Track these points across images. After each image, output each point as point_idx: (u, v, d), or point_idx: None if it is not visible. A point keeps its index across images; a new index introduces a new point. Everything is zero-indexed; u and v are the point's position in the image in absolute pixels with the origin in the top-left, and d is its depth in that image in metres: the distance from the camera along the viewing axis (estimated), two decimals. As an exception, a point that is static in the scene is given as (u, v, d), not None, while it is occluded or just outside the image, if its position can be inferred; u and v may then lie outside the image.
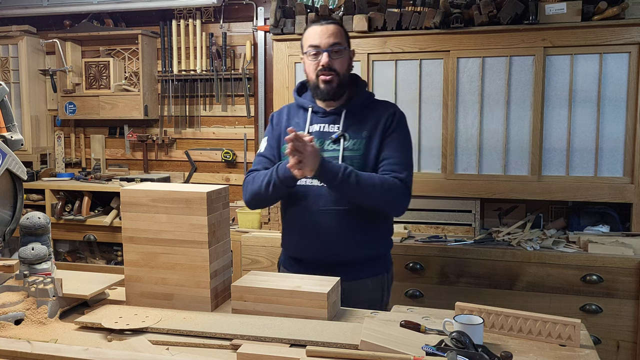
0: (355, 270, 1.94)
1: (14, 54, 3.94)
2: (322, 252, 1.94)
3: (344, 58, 1.95)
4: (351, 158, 1.91)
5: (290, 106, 2.10)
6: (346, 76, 1.96)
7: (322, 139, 1.96)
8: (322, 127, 1.98)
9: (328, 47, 1.91)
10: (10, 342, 1.38)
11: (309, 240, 1.95)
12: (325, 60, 1.90)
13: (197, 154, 3.88)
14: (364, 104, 2.01)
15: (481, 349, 1.30)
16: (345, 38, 1.97)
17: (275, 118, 2.09)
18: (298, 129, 1.96)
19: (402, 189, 1.89)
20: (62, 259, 3.81)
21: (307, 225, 1.94)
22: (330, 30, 1.92)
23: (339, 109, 1.98)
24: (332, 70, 1.91)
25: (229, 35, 3.71)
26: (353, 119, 1.96)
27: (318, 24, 1.94)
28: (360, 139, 1.93)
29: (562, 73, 2.76)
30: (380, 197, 1.86)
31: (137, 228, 1.66)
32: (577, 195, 2.76)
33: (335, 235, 1.91)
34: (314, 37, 1.93)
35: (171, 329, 1.47)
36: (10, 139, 1.76)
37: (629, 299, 2.48)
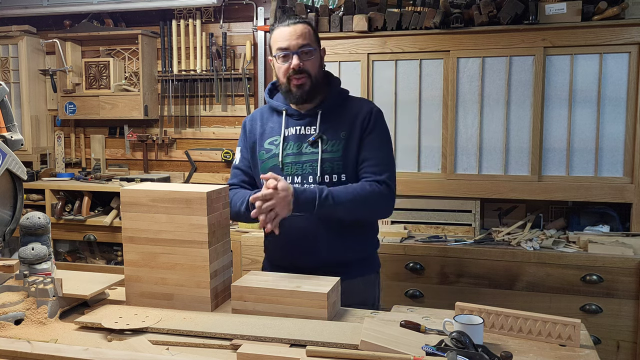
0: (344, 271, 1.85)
1: (14, 54, 3.94)
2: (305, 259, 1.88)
3: (315, 58, 1.88)
4: (331, 160, 1.86)
5: (263, 109, 2.03)
6: (318, 77, 1.89)
7: (300, 142, 1.90)
8: (299, 129, 1.92)
9: (297, 49, 1.84)
10: (10, 342, 1.38)
11: (290, 247, 1.90)
12: (295, 63, 1.83)
13: (197, 154, 3.88)
14: (339, 102, 1.94)
15: (481, 349, 1.30)
16: (314, 38, 1.89)
17: (247, 125, 2.02)
18: (273, 133, 1.94)
19: (383, 193, 1.84)
20: (62, 259, 3.81)
21: (289, 231, 1.85)
22: (298, 31, 1.84)
23: (314, 110, 1.91)
24: (304, 71, 1.85)
25: (229, 35, 3.71)
26: (329, 120, 1.90)
27: (285, 25, 1.86)
28: (338, 140, 1.88)
29: (562, 73, 2.76)
30: (362, 209, 1.82)
31: (137, 228, 1.66)
32: (577, 195, 2.76)
33: (318, 241, 1.86)
34: (282, 39, 1.85)
35: (171, 329, 1.47)
36: (10, 139, 1.76)
37: (629, 299, 2.48)
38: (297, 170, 1.89)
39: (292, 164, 1.89)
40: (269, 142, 1.95)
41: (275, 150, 1.92)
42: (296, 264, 1.87)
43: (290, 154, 1.90)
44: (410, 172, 2.96)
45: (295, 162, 1.89)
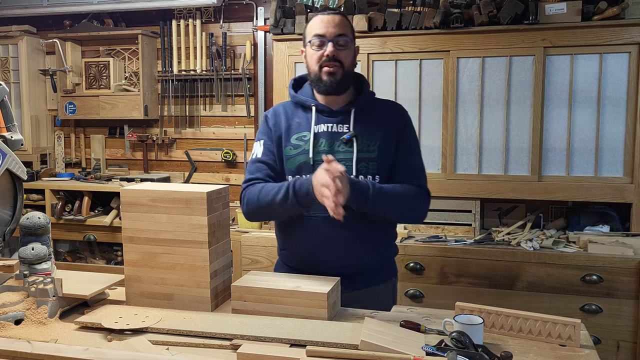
0: (365, 277, 1.84)
1: (14, 54, 3.94)
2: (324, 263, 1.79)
3: (349, 51, 1.82)
4: (366, 160, 1.79)
5: (286, 105, 1.94)
6: (350, 71, 1.83)
7: (332, 140, 1.81)
8: (330, 127, 1.83)
9: (334, 37, 1.78)
10: (10, 342, 1.38)
11: (311, 251, 1.82)
12: (330, 50, 1.77)
13: (197, 154, 3.88)
14: (370, 101, 1.89)
15: (481, 349, 1.30)
16: (351, 31, 1.84)
17: (271, 119, 1.91)
18: (301, 129, 1.85)
19: (424, 197, 1.83)
20: (62, 259, 3.81)
21: (308, 234, 1.80)
22: (336, 21, 1.80)
23: (347, 107, 1.84)
24: (338, 61, 1.78)
25: (229, 35, 3.71)
26: (362, 119, 1.83)
27: (325, 14, 1.81)
28: (374, 140, 1.81)
29: (562, 73, 2.76)
30: (407, 209, 1.80)
31: (137, 228, 1.66)
32: (577, 195, 2.76)
33: (338, 244, 1.78)
34: (319, 26, 1.79)
35: (171, 329, 1.47)
36: (10, 139, 1.76)
37: (629, 299, 2.48)
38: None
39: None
40: (297, 138, 1.85)
41: (304, 146, 1.82)
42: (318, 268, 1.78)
43: (322, 152, 1.80)
44: (410, 172, 2.96)
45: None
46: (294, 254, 1.90)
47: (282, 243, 1.94)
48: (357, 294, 1.80)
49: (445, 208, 2.94)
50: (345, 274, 1.74)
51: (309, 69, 1.86)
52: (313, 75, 1.83)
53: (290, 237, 1.89)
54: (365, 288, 1.84)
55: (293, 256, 1.90)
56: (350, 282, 1.78)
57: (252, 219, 1.89)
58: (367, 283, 1.84)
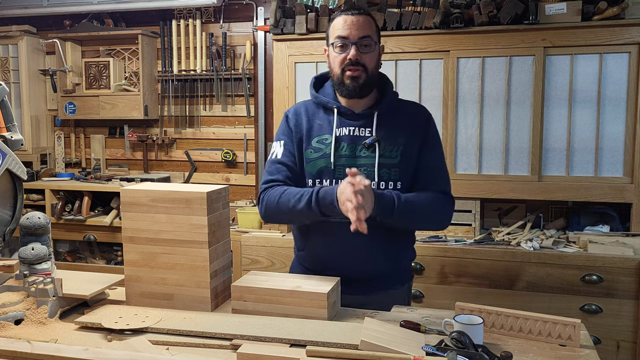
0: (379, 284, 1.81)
1: (14, 54, 3.94)
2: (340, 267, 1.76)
3: (374, 53, 1.76)
4: (388, 166, 1.74)
5: (307, 104, 1.88)
6: (374, 73, 1.78)
7: (354, 145, 1.77)
8: (352, 130, 1.78)
9: (357, 40, 1.72)
10: (10, 342, 1.38)
11: (327, 254, 1.80)
12: (353, 54, 1.72)
13: (197, 154, 3.88)
14: (394, 104, 1.84)
15: (481, 349, 1.30)
16: (376, 32, 1.78)
17: (292, 119, 1.85)
18: (322, 131, 1.80)
19: (449, 204, 1.79)
20: (62, 259, 3.81)
21: (325, 238, 1.78)
22: (360, 22, 1.73)
23: (369, 110, 1.79)
24: (361, 65, 1.73)
25: (229, 35, 3.71)
26: (386, 123, 1.78)
27: (348, 14, 1.75)
28: (396, 146, 1.76)
29: (562, 73, 2.76)
30: (431, 218, 1.77)
31: (137, 228, 1.66)
32: (577, 195, 2.76)
33: (362, 251, 1.75)
34: (342, 27, 1.73)
35: (171, 329, 1.47)
36: (10, 139, 1.76)
37: (629, 299, 2.48)
38: None
39: (346, 167, 1.69)
40: (318, 141, 1.80)
41: (325, 150, 1.78)
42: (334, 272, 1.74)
43: (344, 156, 1.76)
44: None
45: (349, 165, 1.72)
46: (312, 256, 1.86)
47: (299, 244, 1.90)
48: (372, 298, 1.78)
49: (445, 208, 2.94)
50: (362, 278, 1.74)
51: (332, 71, 1.81)
52: (336, 77, 1.79)
53: (309, 239, 1.85)
54: (382, 292, 1.81)
55: (311, 258, 1.87)
56: (367, 286, 1.78)
57: (269, 221, 1.89)
58: (384, 287, 1.82)
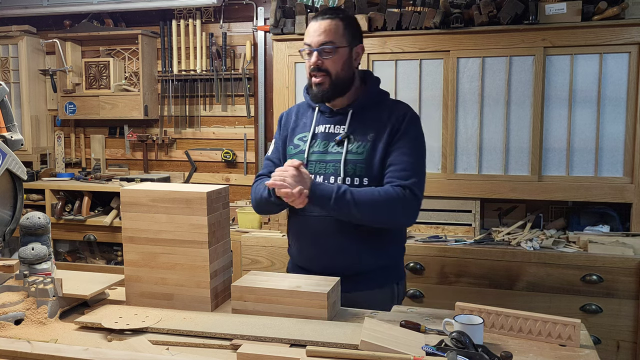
0: (362, 280, 1.83)
1: (14, 54, 3.94)
2: (324, 262, 1.83)
3: (337, 57, 1.79)
4: (354, 162, 1.79)
5: (301, 105, 2.00)
6: (341, 76, 1.81)
7: (327, 141, 1.85)
8: (328, 127, 1.87)
9: (318, 47, 1.78)
10: (10, 342, 1.38)
11: (311, 250, 1.88)
12: (313, 61, 1.79)
13: (197, 154, 3.88)
14: (374, 102, 1.88)
15: (481, 349, 1.30)
16: (342, 34, 1.80)
17: (283, 118, 2.00)
18: (306, 129, 1.90)
19: (407, 198, 1.74)
20: (62, 259, 3.81)
21: (309, 233, 1.86)
22: (322, 27, 1.78)
23: (345, 108, 1.86)
24: (322, 70, 1.79)
25: (229, 35, 3.71)
26: (360, 120, 1.84)
27: (316, 19, 1.82)
28: (365, 142, 1.81)
29: (562, 73, 2.76)
30: (382, 213, 1.73)
31: (137, 228, 1.66)
32: (577, 195, 2.76)
33: (337, 245, 1.81)
34: (307, 34, 1.82)
35: (171, 329, 1.47)
36: (10, 139, 1.76)
37: (629, 299, 2.49)
38: (320, 169, 1.84)
39: (317, 163, 1.85)
40: (299, 138, 1.91)
41: (302, 146, 1.89)
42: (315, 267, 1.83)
43: (317, 152, 1.85)
44: (410, 172, 2.95)
45: (319, 161, 1.84)
46: (301, 253, 1.94)
47: (289, 242, 2.00)
48: (354, 296, 1.79)
49: (445, 208, 2.94)
50: (340, 274, 1.74)
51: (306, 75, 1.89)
52: (308, 82, 1.88)
53: (292, 235, 1.96)
54: (362, 291, 1.82)
55: (300, 256, 1.95)
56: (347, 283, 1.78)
57: (259, 213, 1.98)
58: (364, 286, 1.83)
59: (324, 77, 1.80)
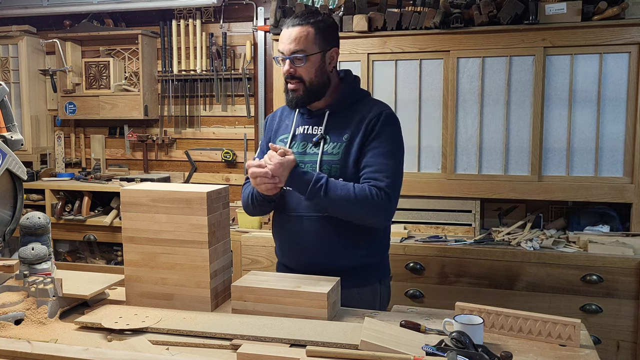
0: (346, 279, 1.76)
1: (14, 54, 3.94)
2: (304, 260, 1.87)
3: (309, 64, 1.79)
4: (329, 162, 1.80)
5: (285, 107, 2.00)
6: (315, 82, 1.81)
7: (305, 142, 1.88)
8: (306, 129, 1.89)
9: (290, 55, 1.79)
10: (10, 342, 1.38)
11: (292, 248, 1.91)
12: (285, 69, 1.81)
13: (197, 154, 3.88)
14: (350, 102, 1.87)
15: (481, 349, 1.30)
16: (313, 41, 1.78)
17: (269, 121, 2.04)
18: (287, 131, 1.94)
19: (380, 200, 1.72)
20: (62, 259, 3.81)
21: (289, 232, 1.89)
22: (293, 35, 1.78)
23: (323, 109, 1.88)
24: (296, 77, 1.81)
25: (229, 35, 3.71)
26: (336, 120, 1.85)
27: (287, 26, 1.81)
28: (340, 142, 1.82)
29: (562, 73, 2.76)
30: (355, 209, 1.73)
31: (137, 228, 1.66)
32: (577, 195, 2.76)
33: (315, 243, 1.83)
34: (280, 41, 1.82)
35: (171, 329, 1.47)
36: (10, 139, 1.76)
37: (629, 299, 2.48)
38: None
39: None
40: (280, 140, 1.95)
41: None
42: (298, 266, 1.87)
43: (296, 153, 1.85)
44: (410, 172, 2.95)
45: (299, 162, 1.81)
46: (280, 251, 2.00)
47: (275, 242, 2.03)
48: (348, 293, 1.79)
49: (445, 208, 2.94)
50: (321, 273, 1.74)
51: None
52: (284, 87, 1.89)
53: (275, 235, 2.00)
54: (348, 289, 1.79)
55: (280, 253, 2.00)
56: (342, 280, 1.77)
57: (249, 214, 2.01)
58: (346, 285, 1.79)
59: (297, 84, 1.82)
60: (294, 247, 1.91)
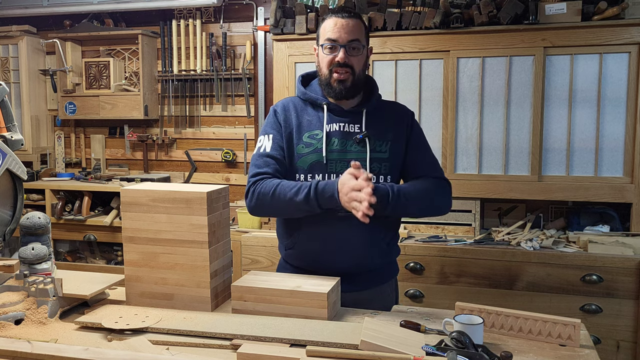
0: (371, 277, 1.84)
1: (14, 54, 3.94)
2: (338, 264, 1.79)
3: (362, 56, 1.82)
4: (379, 160, 1.80)
5: (295, 100, 1.91)
6: (361, 76, 1.84)
7: (344, 140, 1.82)
8: (342, 126, 1.83)
9: (346, 43, 1.78)
10: (10, 342, 1.38)
11: (333, 250, 1.80)
12: (341, 56, 1.77)
13: (197, 154, 3.88)
14: (380, 104, 1.92)
15: (481, 349, 1.30)
16: (364, 35, 1.83)
17: (281, 114, 1.87)
18: (312, 127, 1.84)
19: (447, 188, 1.85)
20: (62, 259, 3.81)
21: (330, 233, 1.79)
22: (350, 25, 1.78)
23: (358, 108, 1.86)
24: (349, 66, 1.79)
25: (229, 35, 3.71)
26: (373, 120, 1.85)
27: (339, 16, 1.80)
28: (385, 141, 1.83)
29: (562, 73, 2.76)
30: (430, 204, 1.80)
31: (137, 228, 1.66)
32: (577, 195, 2.76)
33: (348, 244, 1.79)
34: (332, 30, 1.78)
35: (171, 329, 1.47)
36: (10, 139, 1.76)
37: (629, 299, 2.49)
38: (342, 167, 1.78)
39: (338, 161, 1.80)
40: (309, 136, 1.84)
41: (317, 145, 1.81)
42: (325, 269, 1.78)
43: (335, 151, 1.81)
44: (410, 172, 2.96)
45: (340, 160, 1.80)
46: (304, 254, 1.86)
47: (288, 242, 1.89)
48: (362, 294, 1.82)
49: (445, 208, 2.94)
50: (353, 274, 1.75)
51: (320, 71, 1.86)
52: (324, 78, 1.84)
53: (300, 236, 1.84)
54: (371, 288, 1.85)
55: (302, 256, 1.87)
56: (357, 282, 1.80)
57: (257, 214, 1.84)
58: (373, 283, 1.86)
59: (347, 74, 1.80)
60: (336, 250, 1.80)
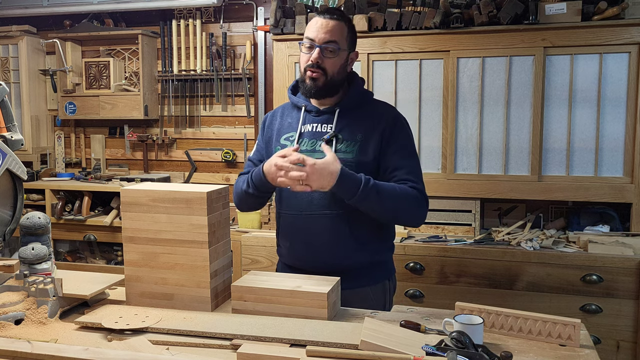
0: (354, 277, 1.82)
1: (14, 54, 3.94)
2: (316, 260, 1.84)
3: (337, 59, 1.82)
4: (343, 161, 1.75)
5: (285, 106, 2.01)
6: (336, 78, 1.84)
7: (315, 140, 1.85)
8: (315, 127, 1.87)
9: (322, 44, 1.79)
10: (10, 342, 1.38)
11: (302, 248, 1.87)
12: (314, 57, 1.79)
13: (197, 154, 3.88)
14: (360, 102, 1.89)
15: (481, 349, 1.30)
16: (345, 38, 1.83)
17: (268, 120, 2.01)
18: (290, 129, 1.91)
19: (421, 200, 1.78)
20: (62, 259, 3.81)
21: (299, 231, 1.86)
22: (330, 27, 1.79)
23: (332, 108, 1.87)
24: (321, 68, 1.80)
25: (229, 35, 3.71)
26: (347, 119, 1.85)
27: (321, 17, 1.82)
28: (354, 142, 1.82)
29: (562, 73, 2.76)
30: (402, 209, 1.76)
31: (137, 228, 1.66)
32: (577, 195, 2.76)
33: (329, 242, 1.82)
34: (312, 29, 1.81)
35: (171, 329, 1.47)
36: (10, 139, 1.76)
37: (629, 299, 2.49)
38: None
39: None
40: (285, 138, 1.91)
41: (290, 146, 1.86)
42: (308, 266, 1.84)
43: (304, 151, 1.83)
44: (410, 172, 2.95)
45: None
46: (286, 251, 1.95)
47: (280, 242, 1.99)
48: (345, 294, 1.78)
49: (445, 208, 2.94)
50: (332, 272, 1.74)
51: (300, 68, 1.90)
52: (301, 75, 1.88)
53: (281, 234, 1.96)
54: (353, 289, 1.81)
55: (292, 255, 1.94)
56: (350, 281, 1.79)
57: (240, 209, 1.99)
58: (355, 284, 1.82)
59: (319, 74, 1.81)
60: (307, 247, 1.86)
